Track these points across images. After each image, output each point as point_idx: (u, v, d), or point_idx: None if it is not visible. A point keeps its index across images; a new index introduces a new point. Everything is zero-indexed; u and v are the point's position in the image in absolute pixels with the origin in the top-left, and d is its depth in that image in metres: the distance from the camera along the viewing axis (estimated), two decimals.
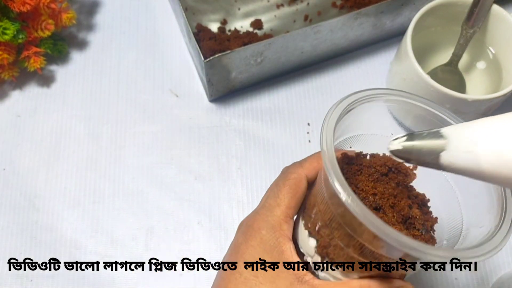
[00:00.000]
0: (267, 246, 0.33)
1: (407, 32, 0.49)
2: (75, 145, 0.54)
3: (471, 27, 0.49)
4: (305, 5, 0.60)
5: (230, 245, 0.36)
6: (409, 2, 0.54)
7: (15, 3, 0.50)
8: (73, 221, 0.50)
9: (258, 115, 0.56)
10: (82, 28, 0.60)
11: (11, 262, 0.48)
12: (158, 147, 0.54)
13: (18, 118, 0.55)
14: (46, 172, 0.52)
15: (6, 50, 0.52)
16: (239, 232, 0.36)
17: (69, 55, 0.58)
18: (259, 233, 0.34)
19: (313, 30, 0.51)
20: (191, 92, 0.57)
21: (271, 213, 0.34)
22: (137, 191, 0.52)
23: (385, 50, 0.59)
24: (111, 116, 0.55)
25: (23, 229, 0.50)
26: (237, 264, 0.34)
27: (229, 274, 0.34)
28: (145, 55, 0.58)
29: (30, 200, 0.51)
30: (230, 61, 0.50)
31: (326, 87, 0.57)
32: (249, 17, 0.59)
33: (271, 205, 0.35)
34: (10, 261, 0.48)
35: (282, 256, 0.33)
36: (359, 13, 0.52)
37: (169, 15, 0.61)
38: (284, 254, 0.33)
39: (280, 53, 0.53)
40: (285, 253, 0.33)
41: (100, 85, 0.57)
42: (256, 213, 0.35)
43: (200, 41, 0.55)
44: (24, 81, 0.57)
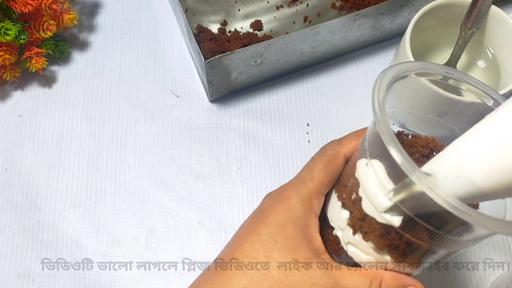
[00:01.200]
0: (293, 215, 0.32)
1: (406, 33, 0.49)
2: (77, 145, 0.54)
3: (469, 28, 0.50)
4: (304, 6, 0.60)
5: (254, 211, 0.35)
6: (408, 3, 0.55)
7: (17, 4, 0.51)
8: (74, 221, 0.51)
9: (258, 116, 0.56)
10: (84, 29, 0.60)
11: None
12: (158, 147, 0.54)
13: (20, 118, 0.55)
14: (47, 172, 0.53)
15: (8, 51, 0.52)
16: (266, 199, 0.35)
17: (70, 56, 0.59)
18: (288, 201, 0.33)
19: (313, 31, 0.52)
20: (192, 93, 0.57)
21: (304, 184, 0.33)
22: (138, 191, 0.52)
23: (384, 51, 0.59)
24: (112, 116, 0.56)
25: (24, 229, 0.50)
26: (257, 225, 0.33)
27: (247, 234, 0.33)
28: (146, 56, 0.59)
29: (31, 199, 0.52)
30: (230, 62, 0.50)
31: (325, 88, 0.57)
32: (249, 18, 0.59)
33: (305, 177, 0.34)
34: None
35: (306, 229, 0.32)
36: (358, 14, 0.52)
37: (170, 16, 0.61)
38: (308, 228, 0.32)
39: (280, 54, 0.53)
40: (309, 227, 0.33)
41: (101, 85, 0.57)
42: (289, 183, 0.34)
43: (201, 42, 0.56)
44: (26, 82, 0.57)
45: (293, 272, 0.31)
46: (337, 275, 0.31)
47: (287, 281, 0.31)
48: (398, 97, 0.34)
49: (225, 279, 0.32)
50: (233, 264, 0.32)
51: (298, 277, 0.31)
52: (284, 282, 0.31)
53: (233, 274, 0.32)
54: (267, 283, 0.31)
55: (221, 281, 0.32)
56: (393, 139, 0.26)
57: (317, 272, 0.31)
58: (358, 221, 0.32)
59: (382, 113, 0.27)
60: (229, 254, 0.33)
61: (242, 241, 0.33)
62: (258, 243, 0.32)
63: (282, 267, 0.31)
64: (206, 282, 0.33)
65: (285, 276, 0.31)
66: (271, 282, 0.31)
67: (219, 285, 0.32)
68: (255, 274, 0.31)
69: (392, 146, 0.26)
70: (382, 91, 0.29)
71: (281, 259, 0.31)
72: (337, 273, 0.32)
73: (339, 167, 0.34)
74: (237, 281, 0.31)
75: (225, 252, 0.34)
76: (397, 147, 0.26)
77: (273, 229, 0.32)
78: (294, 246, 0.32)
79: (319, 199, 0.34)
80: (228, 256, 0.33)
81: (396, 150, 0.26)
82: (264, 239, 0.32)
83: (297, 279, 0.31)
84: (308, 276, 0.31)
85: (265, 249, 0.32)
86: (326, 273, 0.31)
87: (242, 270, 0.32)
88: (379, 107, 0.28)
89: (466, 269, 0.49)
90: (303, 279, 0.31)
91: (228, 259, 0.33)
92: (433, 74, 0.32)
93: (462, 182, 0.25)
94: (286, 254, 0.32)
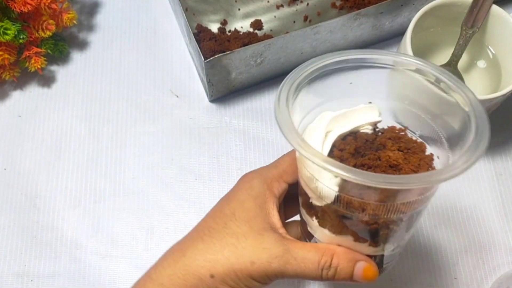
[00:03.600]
0: (252, 192, 0.35)
1: (406, 33, 0.49)
2: (76, 145, 0.54)
3: (470, 27, 0.49)
4: (304, 6, 0.60)
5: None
6: (409, 3, 0.54)
7: (16, 3, 0.51)
8: (73, 221, 0.51)
9: (258, 115, 0.56)
10: (83, 28, 0.60)
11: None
12: (158, 147, 0.54)
13: (19, 118, 0.55)
14: (47, 172, 0.53)
15: (7, 51, 0.52)
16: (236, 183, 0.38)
17: (70, 56, 0.59)
18: (250, 181, 0.36)
19: (313, 31, 0.51)
20: (191, 93, 0.57)
21: (267, 170, 0.37)
22: (137, 191, 0.52)
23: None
24: (111, 116, 0.55)
25: (24, 229, 0.50)
26: (222, 203, 0.36)
27: (212, 211, 0.36)
28: (146, 55, 0.59)
29: (31, 200, 0.51)
30: (230, 61, 0.50)
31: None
32: (249, 18, 0.59)
33: (269, 166, 0.38)
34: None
35: (263, 205, 0.35)
36: (359, 13, 0.52)
37: (170, 15, 0.61)
38: (266, 204, 0.35)
39: (280, 53, 0.53)
40: (267, 204, 0.35)
41: (101, 85, 0.57)
42: (255, 170, 0.38)
43: (200, 41, 0.56)
44: (25, 81, 0.57)
45: (246, 238, 0.34)
46: (289, 244, 0.33)
47: (240, 246, 0.33)
48: (395, 90, 0.35)
49: (183, 246, 0.35)
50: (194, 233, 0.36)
51: (250, 242, 0.33)
52: (236, 246, 0.33)
53: (192, 240, 0.35)
54: (220, 247, 0.34)
55: (180, 248, 0.35)
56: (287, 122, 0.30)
57: (269, 239, 0.33)
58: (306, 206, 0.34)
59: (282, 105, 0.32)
60: (194, 228, 0.36)
61: (207, 217, 0.36)
62: (219, 217, 0.35)
63: (236, 235, 0.34)
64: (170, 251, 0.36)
65: (238, 241, 0.33)
66: (224, 246, 0.33)
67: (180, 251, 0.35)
68: (210, 240, 0.34)
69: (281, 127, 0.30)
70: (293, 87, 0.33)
71: (237, 228, 0.34)
72: (289, 243, 0.34)
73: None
74: (195, 246, 0.34)
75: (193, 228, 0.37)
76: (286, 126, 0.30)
77: (234, 204, 0.35)
78: (251, 218, 0.34)
79: (280, 183, 0.36)
80: (193, 230, 0.36)
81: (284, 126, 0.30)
82: (225, 213, 0.35)
83: (249, 244, 0.33)
84: (260, 241, 0.33)
85: (224, 221, 0.35)
86: (278, 240, 0.33)
87: (200, 238, 0.35)
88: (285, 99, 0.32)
89: (467, 269, 0.49)
90: (255, 244, 0.33)
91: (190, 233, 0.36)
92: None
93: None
94: (242, 224, 0.34)
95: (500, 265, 0.49)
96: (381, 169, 0.32)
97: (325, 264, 0.33)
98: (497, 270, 0.49)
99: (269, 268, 0.33)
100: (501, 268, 0.49)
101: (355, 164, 0.32)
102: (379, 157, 0.32)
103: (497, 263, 0.49)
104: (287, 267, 0.33)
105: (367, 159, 0.32)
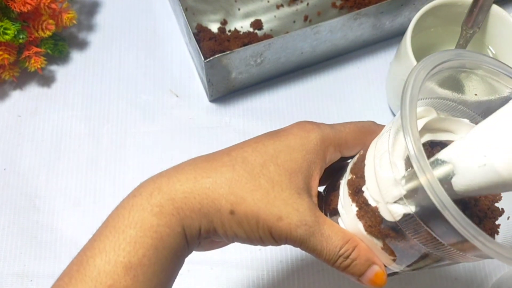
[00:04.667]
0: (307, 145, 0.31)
1: (406, 33, 0.49)
2: (76, 145, 0.54)
3: (470, 27, 0.49)
4: (305, 6, 0.60)
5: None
6: (409, 3, 0.54)
7: (16, 3, 0.50)
8: (73, 221, 0.50)
9: (258, 115, 0.56)
10: (83, 28, 0.60)
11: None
12: (158, 147, 0.54)
13: (19, 118, 0.55)
14: (46, 172, 0.53)
15: (7, 50, 0.52)
16: (290, 125, 0.33)
17: (69, 55, 0.58)
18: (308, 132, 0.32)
19: (313, 31, 0.51)
20: (191, 92, 0.57)
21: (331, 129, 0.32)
22: None
23: (384, 50, 0.59)
24: (111, 116, 0.55)
25: (23, 229, 0.50)
26: (267, 137, 0.32)
27: (253, 141, 0.32)
28: (145, 55, 0.59)
29: (30, 200, 0.51)
30: (230, 61, 0.50)
31: (325, 88, 0.57)
32: (249, 18, 0.59)
33: (335, 126, 0.33)
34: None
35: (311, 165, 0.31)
36: (359, 13, 0.52)
37: (169, 15, 0.61)
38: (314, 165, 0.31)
39: (280, 53, 0.53)
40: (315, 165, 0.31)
41: (101, 85, 0.57)
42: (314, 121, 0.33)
43: (200, 41, 0.56)
44: (25, 81, 0.57)
45: (282, 190, 0.29)
46: (320, 217, 0.30)
47: (273, 195, 0.29)
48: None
49: (208, 166, 0.30)
50: (225, 157, 0.31)
51: (285, 196, 0.29)
52: (269, 194, 0.29)
53: (220, 164, 0.30)
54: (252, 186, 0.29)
55: (204, 167, 0.30)
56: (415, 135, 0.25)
57: (305, 203, 0.30)
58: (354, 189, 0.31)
59: (411, 110, 0.26)
60: (225, 150, 0.32)
61: (245, 145, 0.31)
62: (260, 152, 0.30)
63: (272, 181, 0.29)
64: (191, 165, 0.31)
65: (273, 189, 0.29)
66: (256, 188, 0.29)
67: (203, 170, 0.30)
68: (243, 174, 0.29)
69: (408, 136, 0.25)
70: (416, 89, 0.27)
71: (276, 174, 0.30)
72: (320, 215, 0.31)
73: (369, 140, 0.33)
74: (222, 173, 0.30)
75: (223, 149, 0.32)
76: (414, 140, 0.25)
77: (281, 146, 0.31)
78: (294, 171, 0.30)
79: (335, 151, 0.32)
80: (222, 152, 0.32)
81: (412, 140, 0.25)
82: (268, 150, 0.30)
83: (283, 197, 0.29)
84: (295, 200, 0.29)
85: (265, 159, 0.30)
86: (312, 208, 0.30)
87: (232, 165, 0.30)
88: (410, 104, 0.26)
89: (467, 270, 0.49)
90: (289, 200, 0.29)
91: (219, 153, 0.31)
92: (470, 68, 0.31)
93: (484, 172, 0.24)
94: (283, 173, 0.30)
95: (500, 265, 0.49)
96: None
97: (345, 253, 0.30)
98: (497, 271, 0.49)
99: (294, 232, 0.29)
100: (501, 269, 0.49)
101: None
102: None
103: (497, 263, 0.49)
104: (310, 239, 0.30)
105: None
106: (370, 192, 0.30)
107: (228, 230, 0.30)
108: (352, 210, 0.31)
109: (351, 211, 0.31)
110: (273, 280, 0.49)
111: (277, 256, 0.49)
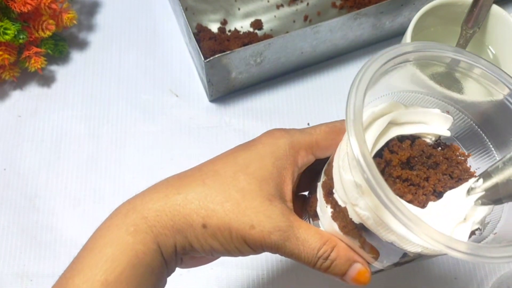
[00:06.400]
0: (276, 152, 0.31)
1: (406, 32, 0.49)
2: (76, 145, 0.54)
3: (470, 27, 0.49)
4: (305, 5, 0.60)
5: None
6: (409, 2, 0.54)
7: (16, 3, 0.50)
8: (73, 221, 0.50)
9: (258, 115, 0.56)
10: (83, 28, 0.60)
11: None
12: (158, 147, 0.54)
13: (19, 118, 0.55)
14: (46, 172, 0.53)
15: (7, 50, 0.52)
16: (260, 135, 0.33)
17: (69, 55, 0.58)
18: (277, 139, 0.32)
19: (313, 31, 0.51)
20: (191, 92, 0.57)
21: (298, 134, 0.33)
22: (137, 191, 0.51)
23: None
24: (111, 116, 0.55)
25: (23, 229, 0.50)
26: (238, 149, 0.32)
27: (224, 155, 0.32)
28: (145, 55, 0.59)
29: (30, 200, 0.51)
30: (230, 61, 0.50)
31: (325, 87, 0.57)
32: (249, 17, 0.59)
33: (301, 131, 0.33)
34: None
35: (282, 171, 0.31)
36: (359, 13, 0.52)
37: (169, 15, 0.61)
38: (285, 171, 0.32)
39: (280, 53, 0.53)
40: (286, 171, 0.32)
41: (101, 85, 0.57)
42: (284, 128, 0.34)
43: (200, 41, 0.56)
44: (25, 81, 0.57)
45: (253, 198, 0.30)
46: (294, 221, 0.30)
47: (244, 204, 0.30)
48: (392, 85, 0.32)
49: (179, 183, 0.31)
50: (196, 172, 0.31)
51: (256, 204, 0.30)
52: (240, 204, 0.30)
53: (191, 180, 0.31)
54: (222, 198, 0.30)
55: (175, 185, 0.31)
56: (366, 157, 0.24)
57: (277, 209, 0.30)
58: (327, 190, 0.31)
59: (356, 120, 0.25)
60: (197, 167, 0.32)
61: (216, 160, 0.32)
62: (230, 164, 0.31)
63: (242, 191, 0.30)
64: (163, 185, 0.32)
65: (243, 199, 0.30)
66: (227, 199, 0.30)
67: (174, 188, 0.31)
68: (213, 187, 0.30)
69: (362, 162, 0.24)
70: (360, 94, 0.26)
71: (246, 183, 0.30)
72: (295, 220, 0.31)
73: (340, 139, 0.33)
74: (193, 188, 0.30)
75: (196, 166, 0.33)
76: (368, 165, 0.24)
77: (251, 156, 0.31)
78: (265, 179, 0.30)
79: (308, 154, 0.33)
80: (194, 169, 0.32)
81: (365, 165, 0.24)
82: (238, 162, 0.31)
83: (254, 206, 0.30)
84: (266, 207, 0.30)
85: (234, 170, 0.31)
86: (285, 213, 0.30)
87: (202, 180, 0.31)
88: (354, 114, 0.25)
89: (467, 269, 0.49)
90: (260, 208, 0.30)
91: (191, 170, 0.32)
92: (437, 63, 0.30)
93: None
94: (253, 182, 0.30)
95: (500, 265, 0.49)
96: (424, 192, 0.29)
97: (324, 254, 0.31)
98: (497, 270, 0.49)
99: (268, 238, 0.29)
100: (501, 268, 0.49)
101: (399, 176, 0.29)
102: (428, 177, 0.29)
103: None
104: (286, 244, 0.30)
105: (415, 175, 0.29)
106: (338, 193, 0.30)
107: (203, 244, 0.30)
108: (327, 211, 0.31)
109: (327, 212, 0.31)
110: (273, 280, 0.49)
111: (277, 256, 0.49)
